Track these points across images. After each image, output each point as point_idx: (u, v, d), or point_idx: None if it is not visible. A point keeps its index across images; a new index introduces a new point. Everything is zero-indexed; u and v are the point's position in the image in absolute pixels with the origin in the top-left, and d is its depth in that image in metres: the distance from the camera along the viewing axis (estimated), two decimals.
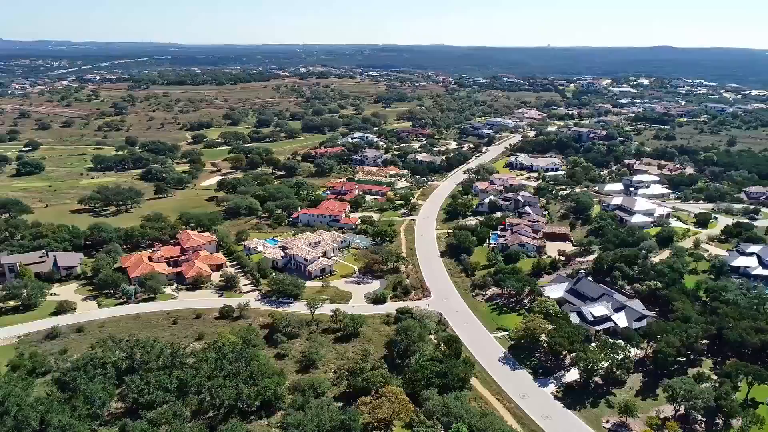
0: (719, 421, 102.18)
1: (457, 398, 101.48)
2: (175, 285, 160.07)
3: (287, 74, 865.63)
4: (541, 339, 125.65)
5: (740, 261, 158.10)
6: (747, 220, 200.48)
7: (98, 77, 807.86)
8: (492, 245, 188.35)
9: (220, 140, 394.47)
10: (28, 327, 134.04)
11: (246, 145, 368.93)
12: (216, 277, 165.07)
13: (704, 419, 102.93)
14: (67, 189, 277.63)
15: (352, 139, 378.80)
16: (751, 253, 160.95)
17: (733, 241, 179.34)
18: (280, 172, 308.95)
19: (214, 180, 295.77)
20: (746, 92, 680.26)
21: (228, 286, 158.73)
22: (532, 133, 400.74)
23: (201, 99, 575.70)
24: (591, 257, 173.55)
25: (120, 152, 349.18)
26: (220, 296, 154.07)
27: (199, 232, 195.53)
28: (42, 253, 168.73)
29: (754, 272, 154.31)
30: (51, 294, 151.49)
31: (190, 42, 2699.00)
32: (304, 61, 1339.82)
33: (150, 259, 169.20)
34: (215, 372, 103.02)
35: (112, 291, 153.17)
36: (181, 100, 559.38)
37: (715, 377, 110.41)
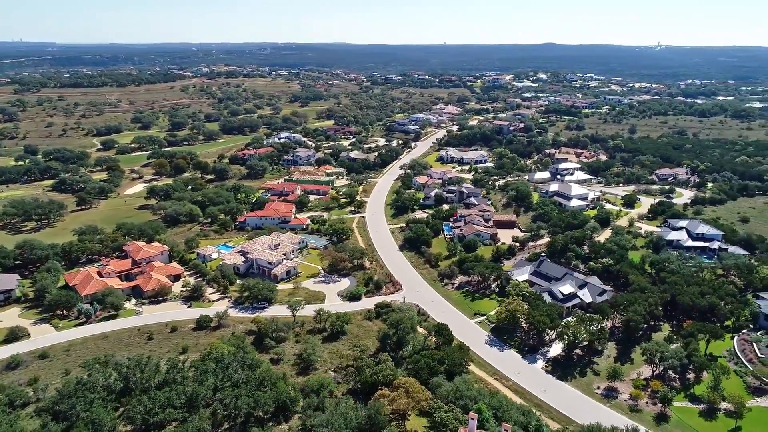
0: (690, 376, 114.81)
1: (464, 382, 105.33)
2: (134, 300, 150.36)
3: (191, 74, 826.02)
4: (520, 319, 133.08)
5: (673, 235, 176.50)
6: (666, 199, 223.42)
7: None
8: (449, 236, 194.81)
9: (134, 145, 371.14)
10: None
11: (165, 150, 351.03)
12: (177, 287, 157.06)
13: (677, 376, 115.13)
14: None
15: (279, 139, 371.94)
16: (680, 228, 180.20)
17: (660, 218, 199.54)
18: (209, 176, 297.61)
19: (138, 187, 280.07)
20: (630, 85, 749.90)
21: (194, 296, 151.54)
22: (455, 128, 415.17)
23: (103, 102, 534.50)
24: (542, 241, 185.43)
25: (21, 162, 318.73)
26: (188, 307, 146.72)
27: (146, 243, 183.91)
28: None
29: (686, 244, 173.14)
30: None
31: (70, 41, 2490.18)
32: (203, 60, 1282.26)
33: (100, 274, 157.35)
34: (222, 382, 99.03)
35: (64, 312, 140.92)
36: (81, 104, 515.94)
37: (682, 339, 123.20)
